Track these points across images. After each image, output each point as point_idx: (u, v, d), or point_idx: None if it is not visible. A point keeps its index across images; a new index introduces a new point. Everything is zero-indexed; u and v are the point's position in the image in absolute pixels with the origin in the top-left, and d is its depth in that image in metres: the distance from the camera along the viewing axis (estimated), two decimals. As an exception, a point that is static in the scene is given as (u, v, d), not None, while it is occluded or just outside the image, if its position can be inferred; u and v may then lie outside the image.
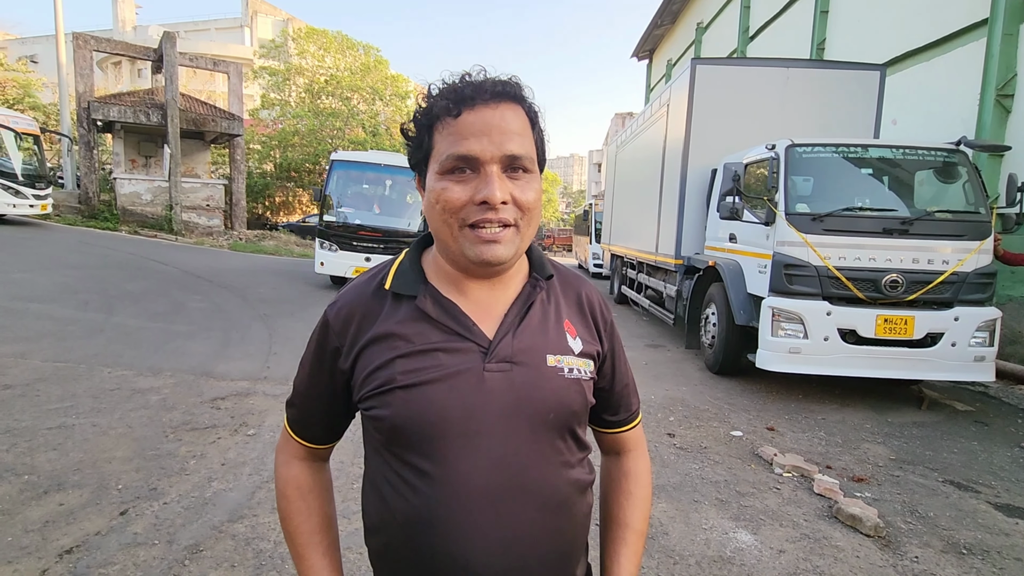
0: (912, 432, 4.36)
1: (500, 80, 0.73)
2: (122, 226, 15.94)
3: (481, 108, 0.70)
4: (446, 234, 0.72)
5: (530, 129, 0.74)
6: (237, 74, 19.76)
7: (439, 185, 0.71)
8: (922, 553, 2.64)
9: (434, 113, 0.72)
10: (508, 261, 0.72)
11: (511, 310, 0.77)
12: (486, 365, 0.72)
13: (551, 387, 0.75)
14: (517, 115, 0.72)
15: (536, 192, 0.73)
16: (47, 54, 37.93)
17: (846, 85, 6.58)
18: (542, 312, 0.79)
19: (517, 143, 0.70)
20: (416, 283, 0.77)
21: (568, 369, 0.77)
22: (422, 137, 0.74)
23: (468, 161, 0.69)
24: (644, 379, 5.52)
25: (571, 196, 69.57)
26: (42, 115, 24.32)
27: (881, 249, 4.65)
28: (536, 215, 0.74)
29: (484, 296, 0.77)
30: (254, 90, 30.14)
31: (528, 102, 0.75)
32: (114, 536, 2.40)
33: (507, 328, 0.75)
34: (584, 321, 0.84)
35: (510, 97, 0.72)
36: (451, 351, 0.72)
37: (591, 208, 18.19)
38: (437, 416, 0.70)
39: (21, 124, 12.88)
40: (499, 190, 0.68)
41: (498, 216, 0.69)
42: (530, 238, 0.75)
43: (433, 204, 0.72)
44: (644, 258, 8.75)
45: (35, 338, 5.25)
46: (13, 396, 3.87)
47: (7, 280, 7.34)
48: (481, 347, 0.73)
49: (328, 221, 9.83)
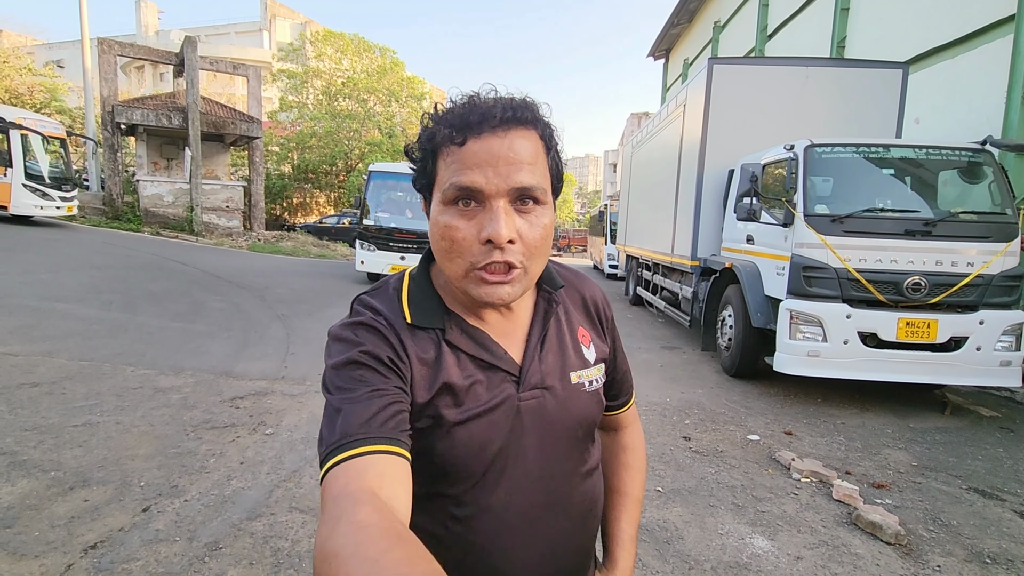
0: (935, 438, 4.28)
1: (511, 103, 0.67)
2: (145, 227, 16.26)
3: (488, 137, 0.65)
4: (451, 271, 0.70)
5: (544, 155, 0.70)
6: (256, 77, 20.04)
7: (443, 219, 0.68)
8: (944, 562, 2.59)
9: (437, 140, 0.68)
10: (513, 300, 0.70)
11: (532, 332, 0.77)
12: (520, 395, 0.73)
13: (577, 406, 0.77)
14: (529, 141, 0.68)
15: (544, 227, 0.69)
16: (72, 59, 38.86)
17: (867, 84, 6.47)
18: (558, 327, 0.80)
19: (527, 173, 0.66)
20: (438, 314, 0.73)
21: (588, 383, 0.79)
22: (426, 162, 0.71)
23: (472, 193, 0.66)
24: (659, 381, 5.49)
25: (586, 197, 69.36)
26: (68, 119, 24.90)
27: (903, 251, 4.57)
28: (545, 250, 0.71)
29: (503, 320, 0.77)
30: (272, 93, 30.58)
31: (543, 125, 0.71)
32: (137, 532, 2.45)
33: (532, 352, 0.75)
34: (593, 325, 0.86)
35: (521, 122, 0.67)
36: (488, 384, 0.72)
37: (606, 209, 18.11)
38: (480, 451, 0.70)
39: (48, 128, 13.20)
40: (505, 227, 0.64)
41: (504, 258, 0.66)
42: (538, 271, 0.72)
43: (439, 239, 0.69)
44: (660, 259, 8.70)
45: (61, 337, 5.39)
46: (40, 394, 3.97)
47: (35, 280, 7.53)
48: (512, 375, 0.73)
49: (367, 225, 11.10)
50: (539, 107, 0.71)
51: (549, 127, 0.72)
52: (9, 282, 7.22)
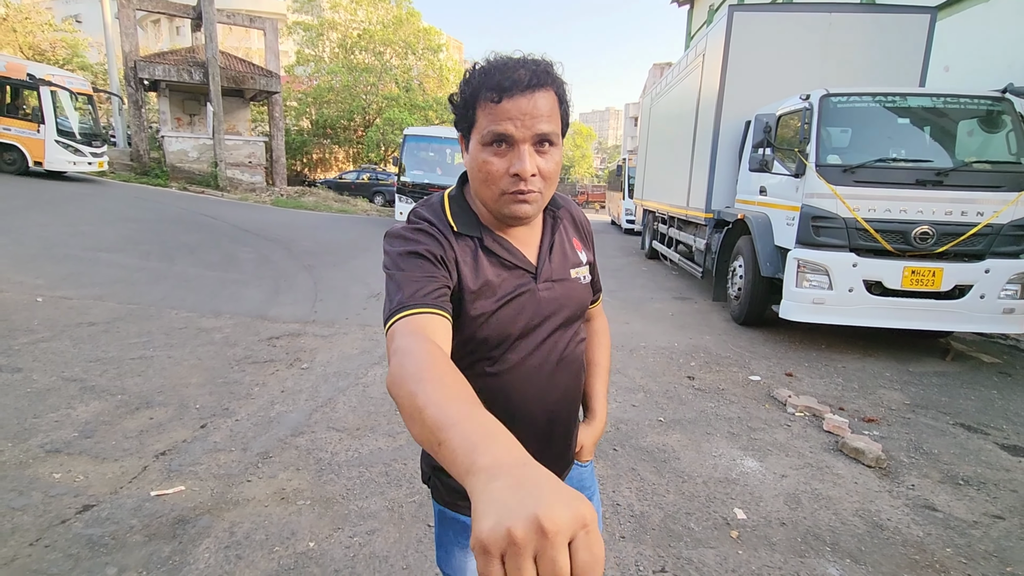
0: (931, 380, 4.47)
1: (536, 69, 0.86)
2: (172, 182, 16.67)
3: (518, 97, 0.84)
4: (486, 195, 0.91)
5: (558, 107, 0.90)
6: (273, 30, 19.91)
7: (482, 156, 0.88)
8: (919, 482, 2.84)
9: (480, 95, 0.87)
10: (533, 216, 0.93)
11: (543, 241, 1.01)
12: (538, 286, 0.97)
13: (576, 294, 1.03)
14: (548, 98, 0.87)
15: (557, 161, 0.91)
16: (89, 13, 38.62)
17: (892, 30, 6.33)
18: (560, 238, 1.04)
19: (546, 122, 0.86)
20: (476, 225, 0.95)
21: (583, 277, 1.05)
22: (467, 109, 0.90)
23: (505, 138, 0.86)
24: (669, 328, 5.72)
25: (606, 151, 67.96)
26: (90, 75, 25.14)
27: (913, 201, 4.63)
28: (555, 179, 0.93)
29: (522, 232, 0.99)
30: (288, 46, 30.24)
31: (558, 84, 0.90)
32: (198, 443, 2.82)
33: (544, 256, 0.99)
34: (581, 236, 1.11)
35: (543, 84, 0.86)
36: (513, 279, 0.95)
37: (624, 163, 17.93)
38: (509, 327, 0.94)
39: (76, 84, 13.43)
40: (529, 164, 0.85)
41: (527, 187, 0.87)
42: (550, 196, 0.95)
43: (477, 171, 0.90)
44: (675, 212, 8.77)
45: (108, 283, 5.79)
46: (98, 332, 4.37)
47: (77, 232, 7.95)
48: (530, 272, 0.97)
49: (404, 181, 13.03)
50: (554, 67, 0.91)
51: (562, 85, 0.91)
52: (55, 233, 7.66)
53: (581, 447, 1.15)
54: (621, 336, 5.31)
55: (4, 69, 12.23)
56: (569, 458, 1.11)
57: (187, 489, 2.41)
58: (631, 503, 2.51)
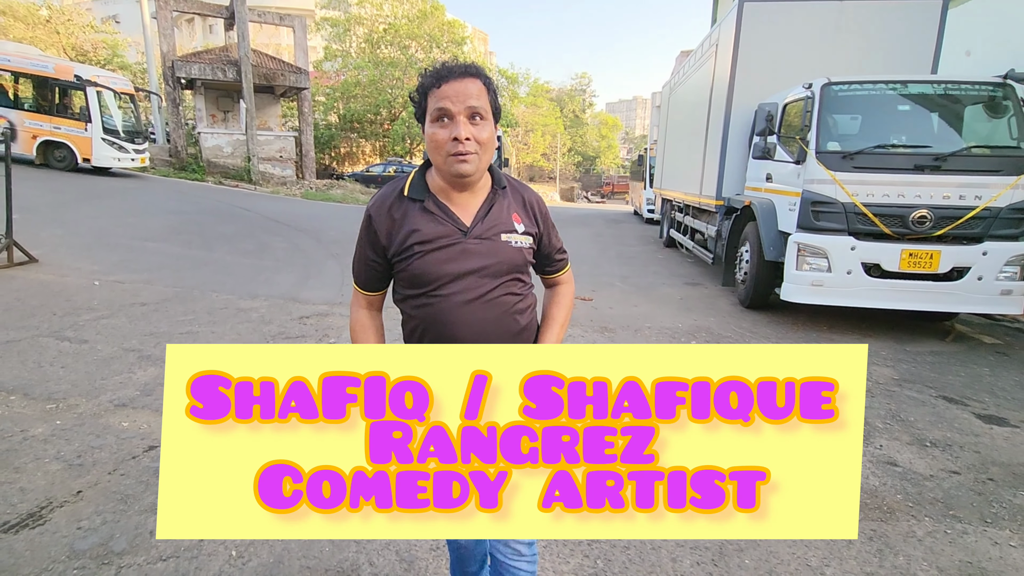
0: (925, 359, 4.63)
1: (466, 65, 1.20)
2: (208, 177, 17.44)
3: (453, 81, 1.17)
4: (438, 159, 1.21)
5: (486, 93, 1.21)
6: (302, 28, 20.49)
7: (431, 129, 1.19)
8: (888, 443, 3.08)
9: (427, 85, 1.20)
10: (473, 174, 1.21)
11: (480, 209, 1.28)
12: (467, 240, 1.25)
13: (504, 252, 1.28)
14: (476, 84, 1.19)
15: (488, 132, 1.20)
16: (126, 13, 40.02)
17: (903, 18, 6.40)
18: (499, 209, 1.30)
19: (475, 100, 1.17)
20: (423, 192, 1.27)
21: (514, 242, 1.30)
22: (421, 100, 1.22)
23: (446, 113, 1.16)
24: (675, 311, 5.97)
25: (632, 141, 67.28)
26: (130, 74, 26.23)
27: (911, 185, 4.78)
28: (489, 147, 1.21)
29: (464, 200, 1.28)
30: (316, 42, 30.97)
31: (485, 76, 1.22)
32: (240, 402, 3.24)
33: (478, 219, 1.27)
34: (527, 213, 1.36)
35: (472, 74, 1.19)
36: (446, 233, 1.24)
37: (646, 153, 18.01)
38: (440, 268, 1.23)
39: (119, 84, 14.20)
40: (464, 130, 1.16)
41: (464, 148, 1.16)
42: (487, 161, 1.24)
43: (429, 142, 1.20)
44: (689, 200, 8.95)
45: (155, 269, 6.33)
46: (149, 311, 4.86)
47: (125, 223, 8.57)
48: (462, 230, 1.25)
49: None
50: (483, 68, 1.24)
51: (489, 79, 1.24)
52: (105, 224, 8.28)
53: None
54: (627, 318, 5.59)
55: (53, 71, 13.03)
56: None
57: (233, 436, 2.82)
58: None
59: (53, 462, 2.49)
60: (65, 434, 2.74)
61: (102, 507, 2.20)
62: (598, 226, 16.21)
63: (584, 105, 50.61)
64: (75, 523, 2.09)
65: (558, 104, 45.27)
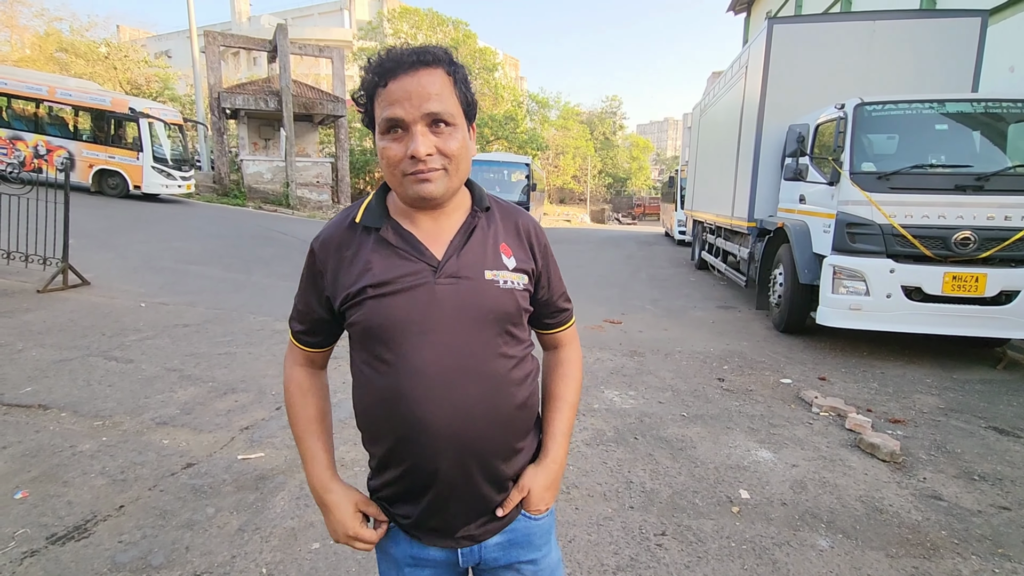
0: (974, 387, 4.43)
1: (418, 49, 0.86)
2: (248, 202, 18.13)
3: (402, 77, 0.84)
4: (392, 181, 0.90)
5: (452, 87, 0.87)
6: (340, 59, 21.32)
7: (381, 144, 0.87)
8: (932, 476, 2.95)
9: (367, 86, 0.88)
10: (441, 196, 0.89)
11: (456, 237, 0.94)
12: (436, 280, 0.90)
13: (489, 295, 0.92)
14: (436, 77, 0.85)
15: (459, 141, 0.88)
16: (178, 48, 42.53)
17: (940, 36, 6.28)
18: (482, 237, 0.96)
19: (436, 102, 0.84)
20: (380, 217, 0.94)
21: (503, 281, 0.94)
22: (367, 106, 0.91)
23: (397, 123, 0.84)
24: (707, 335, 5.88)
25: (664, 163, 67.04)
26: (179, 105, 27.65)
27: (952, 206, 4.64)
28: (462, 159, 0.90)
29: (432, 226, 0.94)
30: (354, 71, 32.09)
31: (448, 63, 0.88)
32: (274, 421, 3.32)
33: (452, 251, 0.92)
34: (520, 244, 1.00)
35: (427, 63, 0.85)
36: (408, 271, 0.90)
37: (677, 175, 17.93)
38: (399, 319, 0.89)
39: (169, 116, 15.01)
40: (423, 145, 0.83)
41: (427, 167, 0.85)
42: (461, 178, 0.93)
43: (380, 159, 0.89)
44: (721, 222, 8.85)
45: (198, 291, 6.59)
46: (190, 332, 5.06)
47: (171, 247, 8.98)
48: (432, 266, 0.90)
49: None
50: (446, 51, 0.90)
51: (455, 64, 0.89)
52: (153, 248, 8.69)
53: (528, 492, 1.00)
54: (657, 341, 5.53)
55: (110, 104, 13.88)
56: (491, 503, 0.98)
57: (266, 455, 2.90)
58: (643, 481, 2.78)
59: (98, 477, 2.61)
60: (110, 450, 2.86)
61: (142, 522, 2.28)
62: (629, 248, 16.13)
63: (615, 127, 50.78)
64: (117, 537, 2.18)
65: (588, 126, 45.56)
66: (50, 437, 2.96)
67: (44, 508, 2.34)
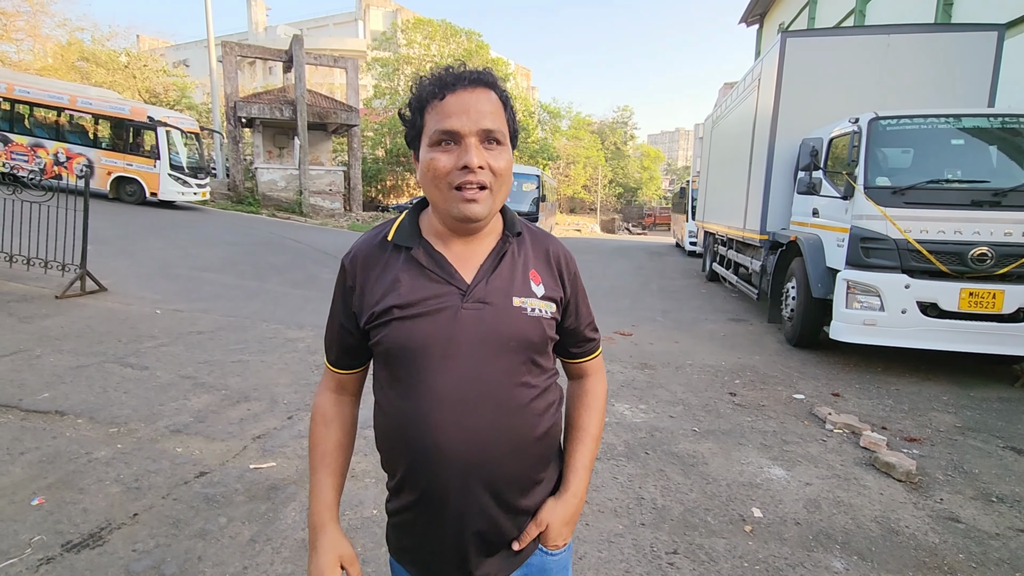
0: (992, 405, 4.36)
1: (476, 70, 0.90)
2: (262, 210, 18.34)
3: (461, 92, 0.86)
4: (436, 196, 0.89)
5: (502, 110, 0.91)
6: (354, 69, 21.60)
7: (429, 156, 0.87)
8: (949, 497, 2.90)
9: (424, 97, 0.89)
10: (484, 217, 0.89)
11: (486, 261, 0.94)
12: (463, 304, 0.90)
13: (514, 322, 0.92)
14: (490, 98, 0.89)
15: (507, 161, 0.90)
16: (195, 58, 43.38)
17: (956, 50, 6.24)
18: (512, 263, 0.96)
19: (491, 120, 0.87)
20: (413, 237, 0.94)
21: (530, 309, 0.93)
22: (415, 118, 0.91)
23: (452, 135, 0.86)
24: (718, 349, 5.84)
25: (675, 173, 66.93)
26: (196, 113, 28.13)
27: (968, 222, 4.59)
28: (506, 179, 0.91)
29: (465, 249, 0.95)
30: (367, 80, 32.51)
31: (500, 88, 0.92)
32: (286, 431, 3.35)
33: (482, 275, 0.92)
34: (550, 271, 1.00)
35: (484, 84, 0.89)
36: (436, 294, 0.90)
37: (688, 185, 17.90)
38: (422, 342, 0.88)
39: (186, 124, 15.26)
40: (476, 157, 0.85)
41: (476, 179, 0.85)
42: (502, 200, 0.93)
43: (426, 172, 0.88)
44: (733, 234, 8.81)
45: (212, 298, 6.66)
46: (204, 339, 5.11)
47: (186, 254, 9.09)
48: (460, 290, 0.90)
49: None
50: (498, 77, 0.94)
51: (505, 92, 0.94)
52: (168, 255, 8.81)
53: (547, 527, 0.99)
54: (668, 354, 5.50)
55: (128, 112, 14.13)
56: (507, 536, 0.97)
57: (278, 465, 2.91)
58: (655, 498, 2.76)
59: (113, 484, 2.64)
60: (125, 458, 2.89)
61: (156, 531, 2.30)
62: (640, 258, 16.10)
63: (626, 137, 50.86)
64: (131, 545, 2.20)
65: (599, 136, 45.66)
66: (67, 443, 3.00)
67: (60, 515, 2.37)
